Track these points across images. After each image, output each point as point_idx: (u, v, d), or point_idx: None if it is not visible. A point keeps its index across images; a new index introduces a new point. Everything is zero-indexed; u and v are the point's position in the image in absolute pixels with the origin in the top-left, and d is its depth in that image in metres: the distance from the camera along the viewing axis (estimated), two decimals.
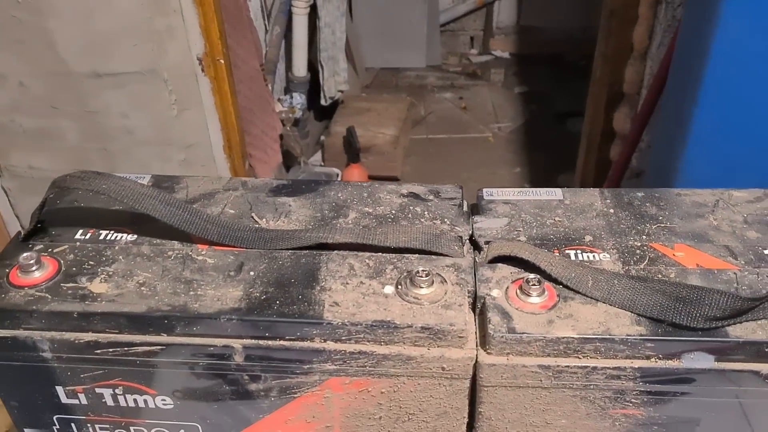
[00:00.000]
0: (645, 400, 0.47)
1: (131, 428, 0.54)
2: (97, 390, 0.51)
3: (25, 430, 0.55)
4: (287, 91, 2.23)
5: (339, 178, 2.22)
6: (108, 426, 0.54)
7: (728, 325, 0.45)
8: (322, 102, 2.36)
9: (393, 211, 0.57)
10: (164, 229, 0.54)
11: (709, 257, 0.51)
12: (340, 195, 0.59)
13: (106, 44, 1.34)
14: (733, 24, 0.74)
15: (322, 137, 2.41)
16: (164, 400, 0.52)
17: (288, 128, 2.06)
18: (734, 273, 0.49)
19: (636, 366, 0.46)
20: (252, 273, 0.51)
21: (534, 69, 3.03)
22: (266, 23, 2.11)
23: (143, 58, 1.36)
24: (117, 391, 0.51)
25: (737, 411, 0.47)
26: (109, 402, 0.52)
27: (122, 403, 0.52)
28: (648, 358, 0.46)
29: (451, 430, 0.51)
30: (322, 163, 2.37)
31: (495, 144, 2.60)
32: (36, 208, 0.55)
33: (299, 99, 2.15)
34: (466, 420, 0.51)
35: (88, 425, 0.54)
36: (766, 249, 0.51)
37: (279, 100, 2.12)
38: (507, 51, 3.17)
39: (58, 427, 0.54)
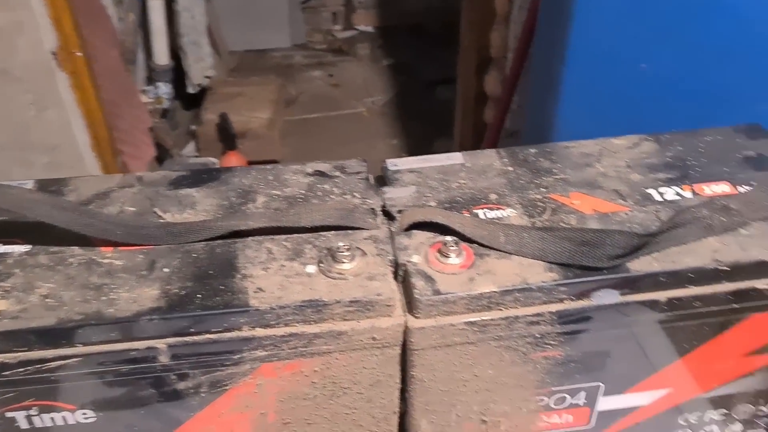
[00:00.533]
0: (562, 340, 0.50)
1: None
2: (8, 414, 0.48)
3: None
4: (150, 81, 2.12)
5: None
6: None
7: (628, 261, 0.49)
8: (189, 90, 2.28)
9: (302, 191, 0.57)
10: (60, 235, 0.51)
11: (602, 202, 0.55)
12: (244, 181, 0.58)
13: None
14: None
15: (193, 126, 2.32)
16: (85, 414, 0.49)
17: (157, 120, 1.97)
18: (626, 213, 0.53)
19: (552, 310, 0.49)
20: (166, 269, 0.49)
21: (398, 40, 3.09)
22: (118, 9, 1.99)
23: None
24: (31, 412, 0.48)
25: (642, 339, 0.52)
26: (23, 425, 0.49)
27: (38, 424, 0.49)
28: (562, 301, 0.49)
29: (385, 397, 0.52)
30: (197, 154, 2.29)
31: (370, 118, 2.63)
32: None
33: (165, 88, 2.06)
34: (399, 386, 0.52)
35: None
36: (649, 189, 0.56)
37: (143, 91, 2.02)
38: (370, 25, 3.20)
39: None
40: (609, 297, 0.49)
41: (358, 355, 0.49)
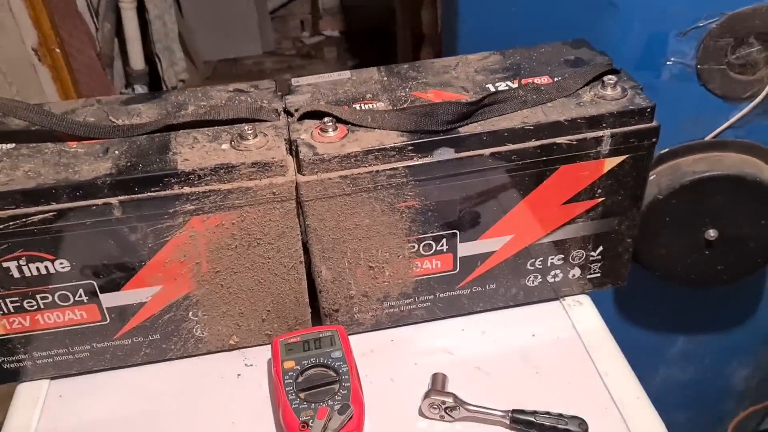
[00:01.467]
0: (417, 191, 0.67)
1: (38, 296, 0.67)
2: (4, 264, 0.64)
3: None
4: (128, 84, 2.30)
5: None
6: (17, 298, 0.66)
7: (459, 126, 0.66)
8: None
9: (223, 102, 0.74)
10: (37, 136, 0.68)
11: (450, 94, 0.72)
12: (179, 97, 0.75)
13: None
14: None
15: None
16: (62, 263, 0.65)
17: None
18: (465, 100, 0.71)
19: (405, 165, 0.66)
20: (117, 152, 0.66)
21: (362, 43, 3.27)
22: (95, 20, 2.17)
23: None
24: (21, 262, 0.64)
25: (480, 190, 0.69)
26: (16, 274, 0.65)
27: (27, 273, 0.65)
28: (411, 158, 0.66)
29: (291, 247, 0.69)
30: None
31: None
32: None
33: (141, 90, 2.23)
34: (300, 237, 0.69)
35: (0, 301, 0.66)
36: (488, 84, 0.73)
37: (121, 93, 2.19)
38: (336, 30, 3.39)
39: None
40: (446, 153, 0.66)
41: (264, 209, 0.66)
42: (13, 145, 0.67)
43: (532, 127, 0.66)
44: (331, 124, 0.66)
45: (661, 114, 0.69)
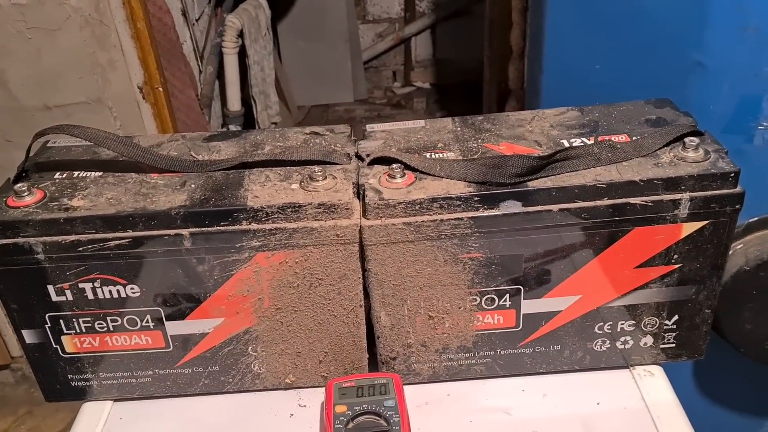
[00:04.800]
0: (481, 243, 0.66)
1: (108, 319, 0.70)
2: (80, 285, 0.67)
3: (23, 331, 0.70)
4: (224, 124, 2.41)
5: None
6: (89, 318, 0.70)
7: (528, 180, 0.65)
8: None
9: (298, 143, 0.76)
10: (123, 166, 0.72)
11: (522, 148, 0.71)
12: (258, 137, 0.78)
13: (55, 79, 1.51)
14: (554, 8, 0.97)
15: None
16: (133, 288, 0.68)
17: None
18: (538, 154, 0.69)
19: (470, 216, 0.65)
20: (193, 185, 0.68)
21: (452, 95, 3.31)
22: (199, 64, 2.30)
23: (89, 89, 1.53)
24: (95, 284, 0.68)
25: (548, 246, 0.67)
26: (90, 296, 0.68)
27: (100, 295, 0.68)
28: (477, 209, 0.65)
29: (351, 290, 0.69)
30: None
31: None
32: (21, 161, 0.72)
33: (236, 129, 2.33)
34: (361, 281, 0.69)
35: (74, 320, 0.70)
36: (563, 140, 0.72)
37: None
38: (427, 82, 3.45)
39: (49, 324, 0.70)
40: (512, 207, 0.65)
41: (327, 250, 0.67)
42: (101, 173, 0.71)
43: (604, 186, 0.64)
44: (399, 170, 0.67)
45: (750, 180, 0.66)
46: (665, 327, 0.73)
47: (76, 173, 0.72)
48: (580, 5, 0.93)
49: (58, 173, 0.72)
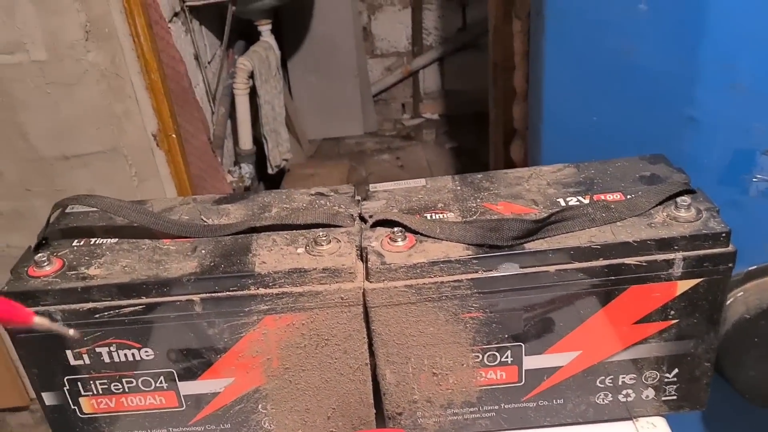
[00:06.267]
0: (481, 303, 0.68)
1: (123, 380, 0.73)
2: (97, 349, 0.70)
3: (43, 394, 0.73)
4: (236, 163, 2.46)
5: None
6: (106, 381, 0.72)
7: (525, 242, 0.67)
8: (269, 171, 2.60)
9: (304, 205, 0.79)
10: (138, 233, 0.75)
11: (520, 207, 0.74)
12: (266, 199, 0.81)
13: (72, 130, 1.56)
14: (551, 59, 1.00)
15: None
16: (147, 351, 0.71)
17: None
18: (535, 214, 0.72)
19: (470, 278, 0.67)
20: (203, 251, 0.71)
21: (461, 127, 3.35)
22: (212, 105, 2.36)
23: (105, 138, 1.58)
24: (112, 348, 0.70)
25: (546, 305, 0.69)
26: (107, 359, 0.71)
27: (116, 359, 0.71)
28: (476, 271, 0.67)
29: (357, 349, 0.72)
30: None
31: None
32: (41, 229, 0.76)
33: (247, 169, 2.38)
34: (366, 340, 0.71)
35: (91, 382, 0.72)
36: (559, 198, 0.74)
37: (229, 171, 2.35)
38: (436, 113, 3.49)
39: (67, 387, 0.73)
40: (511, 268, 0.67)
41: (332, 312, 0.69)
42: (117, 240, 0.75)
43: (599, 247, 0.66)
44: (400, 234, 0.69)
45: (747, 230, 0.68)
46: (666, 380, 0.74)
47: (93, 240, 0.75)
48: (577, 58, 0.96)
49: (75, 241, 0.75)
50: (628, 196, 0.73)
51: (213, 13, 2.34)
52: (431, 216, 0.74)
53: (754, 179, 0.83)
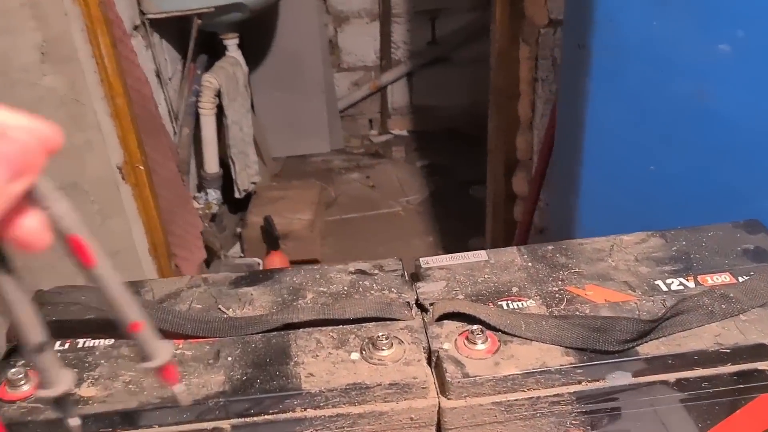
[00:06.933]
0: (582, 420, 0.56)
1: None
2: None
3: None
4: (201, 188, 2.27)
5: (260, 268, 2.26)
6: None
7: (637, 345, 0.55)
8: (236, 195, 2.42)
9: (345, 288, 0.64)
10: None
11: (613, 292, 0.61)
12: (295, 279, 0.66)
13: None
14: (598, 98, 0.88)
15: (239, 229, 2.45)
16: None
17: (206, 224, 2.10)
18: (635, 303, 0.60)
19: (571, 391, 0.54)
20: (230, 358, 0.56)
21: (432, 143, 3.23)
22: (174, 125, 2.17)
23: (63, 172, 1.39)
24: None
25: (656, 417, 0.56)
26: None
27: None
28: (579, 382, 0.54)
29: None
30: (242, 255, 2.41)
31: (405, 217, 2.74)
32: (9, 327, 0.59)
33: (214, 194, 2.20)
34: None
35: None
36: (656, 280, 0.62)
37: (195, 197, 2.16)
38: (405, 129, 3.37)
39: None
40: (622, 378, 0.54)
41: None
42: (112, 341, 0.59)
43: (728, 350, 0.54)
44: (480, 334, 0.56)
45: None
46: None
47: (80, 342, 0.59)
48: (633, 99, 0.84)
49: (59, 342, 0.59)
50: (740, 279, 0.61)
51: (174, 27, 2.16)
52: (508, 304, 0.61)
53: None
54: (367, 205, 2.82)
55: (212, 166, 2.27)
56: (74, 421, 0.37)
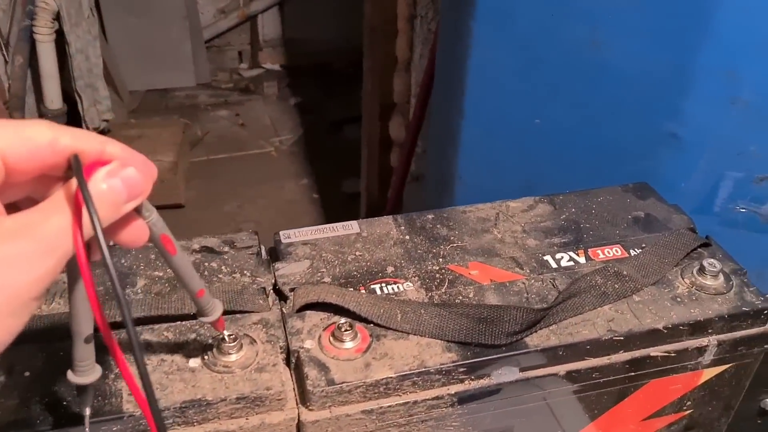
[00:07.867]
0: (464, 420, 0.49)
1: None
2: None
3: None
4: None
5: None
6: None
7: (526, 336, 0.48)
8: None
9: None
10: None
11: (499, 271, 0.54)
12: (123, 261, 0.53)
13: None
14: (482, 41, 0.80)
15: None
16: None
17: None
18: (523, 283, 0.53)
19: (452, 392, 0.47)
20: (27, 374, 0.44)
21: (305, 80, 3.07)
22: (5, 54, 1.88)
23: None
24: None
25: (544, 411, 0.51)
26: None
27: None
28: (462, 381, 0.47)
29: None
30: None
31: (278, 158, 2.59)
32: None
33: None
34: None
35: None
36: (545, 255, 0.56)
37: None
38: (277, 64, 3.17)
39: None
40: (509, 374, 0.48)
41: None
42: None
43: (622, 338, 0.49)
44: (349, 330, 0.47)
45: None
46: None
47: None
48: (521, 43, 0.76)
49: None
50: (631, 251, 0.56)
51: None
52: (382, 288, 0.52)
53: (740, 209, 0.71)
54: (236, 145, 2.64)
55: (54, 101, 2.01)
56: (87, 411, 0.39)
